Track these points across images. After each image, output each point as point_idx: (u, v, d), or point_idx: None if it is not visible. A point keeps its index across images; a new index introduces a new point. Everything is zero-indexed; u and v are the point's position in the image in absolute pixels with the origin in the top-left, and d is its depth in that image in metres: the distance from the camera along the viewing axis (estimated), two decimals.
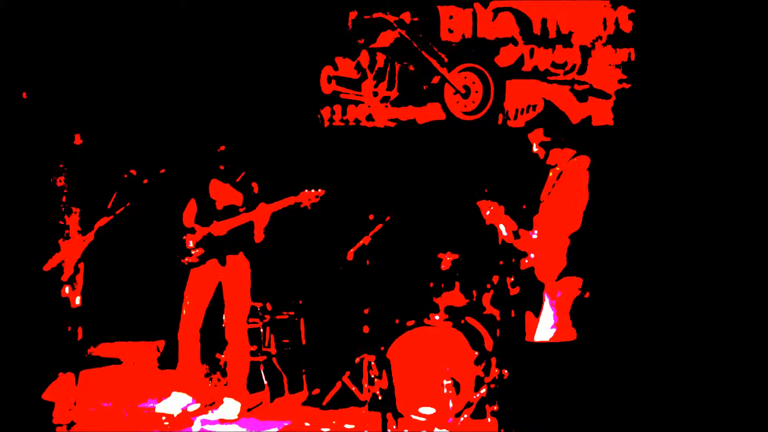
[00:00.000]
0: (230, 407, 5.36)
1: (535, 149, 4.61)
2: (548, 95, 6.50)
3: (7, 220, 6.07)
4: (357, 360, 5.66)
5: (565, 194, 4.38)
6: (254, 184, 5.51)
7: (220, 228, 5.39)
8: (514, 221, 4.56)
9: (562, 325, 4.29)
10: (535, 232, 4.45)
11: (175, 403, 5.43)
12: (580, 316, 4.33)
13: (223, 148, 5.50)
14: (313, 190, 5.31)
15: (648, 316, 5.87)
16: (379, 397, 5.08)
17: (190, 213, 5.57)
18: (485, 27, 6.61)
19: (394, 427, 5.06)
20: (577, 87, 6.45)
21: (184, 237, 5.50)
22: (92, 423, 5.09)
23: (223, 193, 5.50)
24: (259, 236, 5.41)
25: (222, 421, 5.27)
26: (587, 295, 4.34)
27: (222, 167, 5.50)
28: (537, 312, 4.53)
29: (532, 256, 4.43)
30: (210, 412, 5.45)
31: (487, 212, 4.65)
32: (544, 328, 4.32)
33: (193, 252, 5.45)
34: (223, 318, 5.64)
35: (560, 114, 5.01)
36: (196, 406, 5.50)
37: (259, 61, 6.93)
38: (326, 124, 6.94)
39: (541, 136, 4.57)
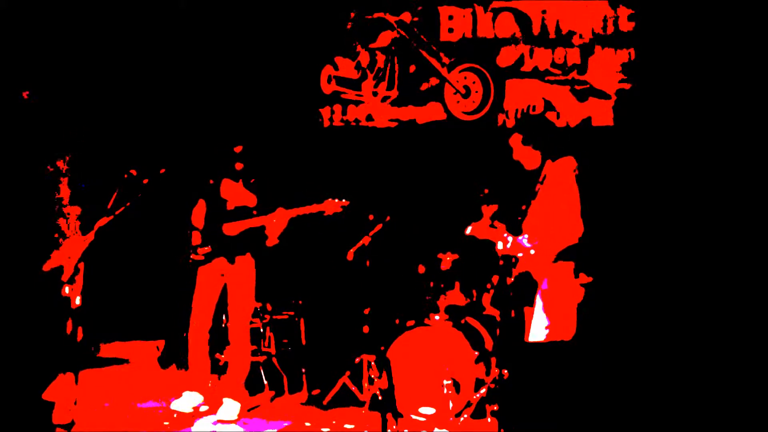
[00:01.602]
0: (230, 407, 5.35)
1: (516, 155, 4.57)
2: (548, 95, 6.51)
3: (7, 220, 6.06)
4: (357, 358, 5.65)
5: (554, 197, 4.34)
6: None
7: (234, 228, 5.38)
8: (495, 230, 4.52)
9: (557, 324, 4.28)
10: (525, 236, 4.42)
11: (187, 401, 5.42)
12: (580, 316, 4.32)
13: (240, 148, 5.47)
14: (338, 200, 5.28)
15: (647, 315, 5.87)
16: (379, 397, 5.08)
17: (199, 212, 5.56)
18: (485, 27, 6.61)
19: (394, 427, 5.06)
20: (577, 87, 6.47)
21: (192, 234, 5.49)
22: (92, 423, 5.09)
23: (234, 194, 5.49)
24: (272, 240, 5.39)
25: (222, 421, 5.27)
26: (582, 294, 4.33)
27: (239, 166, 5.47)
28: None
29: (520, 254, 4.39)
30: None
31: (468, 230, 4.62)
32: (538, 328, 4.31)
33: (198, 250, 5.44)
34: (224, 318, 5.65)
35: (542, 117, 4.99)
36: (200, 400, 5.50)
37: (259, 61, 6.93)
38: (326, 124, 6.94)
39: (519, 142, 4.53)
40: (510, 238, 4.39)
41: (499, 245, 4.45)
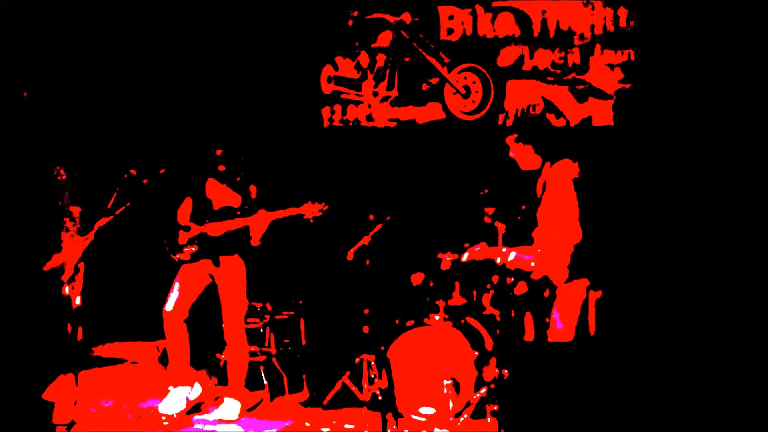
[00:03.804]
0: (230, 407, 5.35)
1: (511, 154, 4.58)
2: (548, 95, 6.51)
3: (7, 220, 6.07)
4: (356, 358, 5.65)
5: (554, 203, 4.33)
6: (252, 188, 5.47)
7: (216, 228, 5.36)
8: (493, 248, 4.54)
9: (566, 327, 4.30)
10: (514, 252, 4.43)
11: (174, 399, 5.41)
12: (581, 316, 4.33)
13: (220, 152, 5.44)
14: (316, 204, 5.27)
15: (648, 316, 5.87)
16: (379, 397, 5.08)
17: (185, 211, 5.55)
18: (485, 27, 6.61)
19: (394, 427, 5.06)
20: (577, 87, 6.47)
21: (179, 233, 5.48)
22: (92, 423, 5.09)
23: (219, 194, 5.48)
24: (255, 242, 5.39)
25: (222, 421, 5.27)
26: (596, 296, 4.34)
27: (222, 168, 5.46)
28: (536, 312, 4.53)
29: (533, 264, 4.39)
30: (210, 410, 5.46)
31: (465, 257, 4.65)
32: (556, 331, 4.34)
33: (184, 249, 5.42)
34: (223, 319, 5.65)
35: (542, 118, 4.99)
36: (197, 392, 5.49)
37: (259, 62, 6.93)
38: (326, 124, 6.94)
39: (513, 141, 4.53)
40: (513, 254, 4.40)
41: (498, 260, 4.47)
